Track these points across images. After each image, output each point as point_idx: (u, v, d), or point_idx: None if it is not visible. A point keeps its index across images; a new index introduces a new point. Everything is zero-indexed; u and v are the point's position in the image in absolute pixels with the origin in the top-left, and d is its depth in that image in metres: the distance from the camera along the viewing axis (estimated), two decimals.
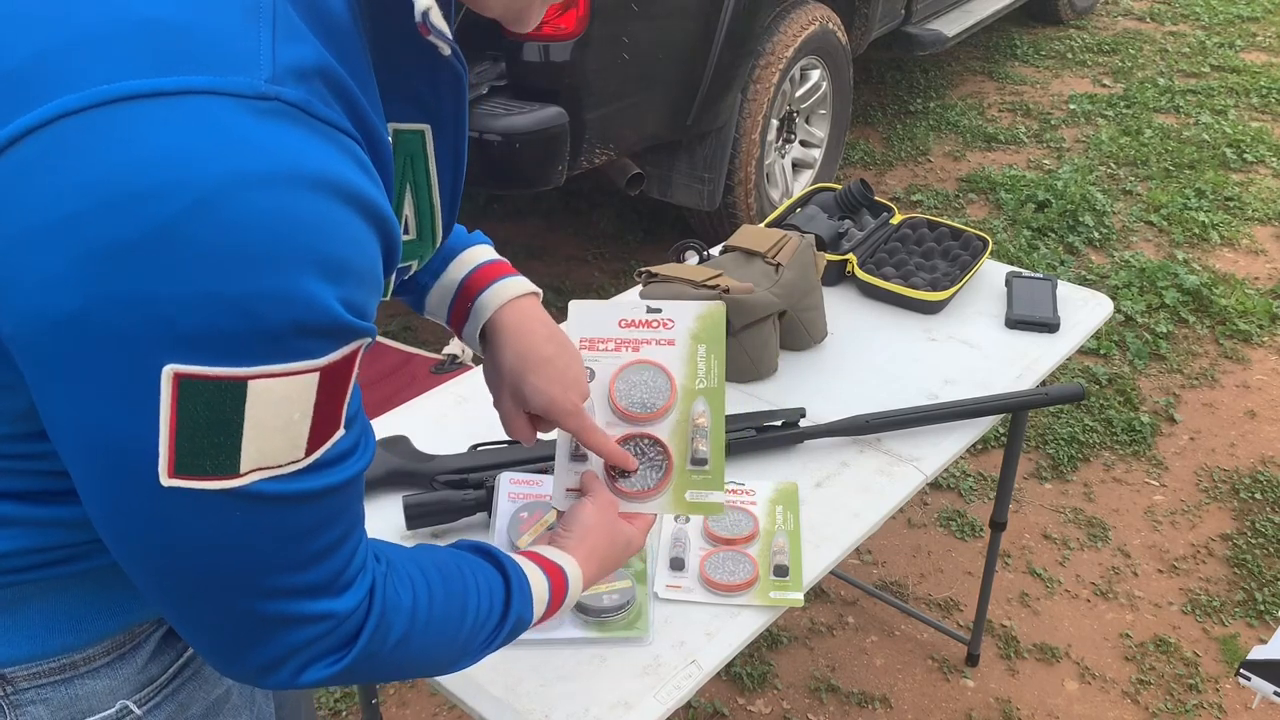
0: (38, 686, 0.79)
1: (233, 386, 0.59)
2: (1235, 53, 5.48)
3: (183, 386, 0.58)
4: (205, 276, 0.56)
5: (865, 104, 4.86)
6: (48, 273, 0.56)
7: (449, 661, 0.85)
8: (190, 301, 0.56)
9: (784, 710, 2.08)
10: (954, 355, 1.64)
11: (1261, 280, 3.53)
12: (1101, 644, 2.22)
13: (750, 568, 1.22)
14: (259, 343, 0.58)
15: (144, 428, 0.59)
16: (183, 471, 0.61)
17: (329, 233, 0.60)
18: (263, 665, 0.71)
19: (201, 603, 0.68)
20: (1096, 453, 2.76)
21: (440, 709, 2.07)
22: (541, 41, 2.63)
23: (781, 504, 1.32)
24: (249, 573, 0.66)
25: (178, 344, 0.57)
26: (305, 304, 0.59)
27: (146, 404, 0.58)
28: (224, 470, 0.61)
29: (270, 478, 0.63)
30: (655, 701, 1.07)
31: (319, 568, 0.69)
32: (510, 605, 0.87)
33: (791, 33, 3.32)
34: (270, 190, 0.57)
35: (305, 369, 0.61)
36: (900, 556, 2.44)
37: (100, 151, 0.55)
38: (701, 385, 1.06)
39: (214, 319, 0.57)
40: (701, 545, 1.26)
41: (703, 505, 1.03)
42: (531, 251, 3.69)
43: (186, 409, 0.59)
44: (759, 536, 1.27)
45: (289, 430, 0.62)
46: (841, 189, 1.94)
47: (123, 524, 0.64)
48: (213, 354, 0.58)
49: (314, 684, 0.74)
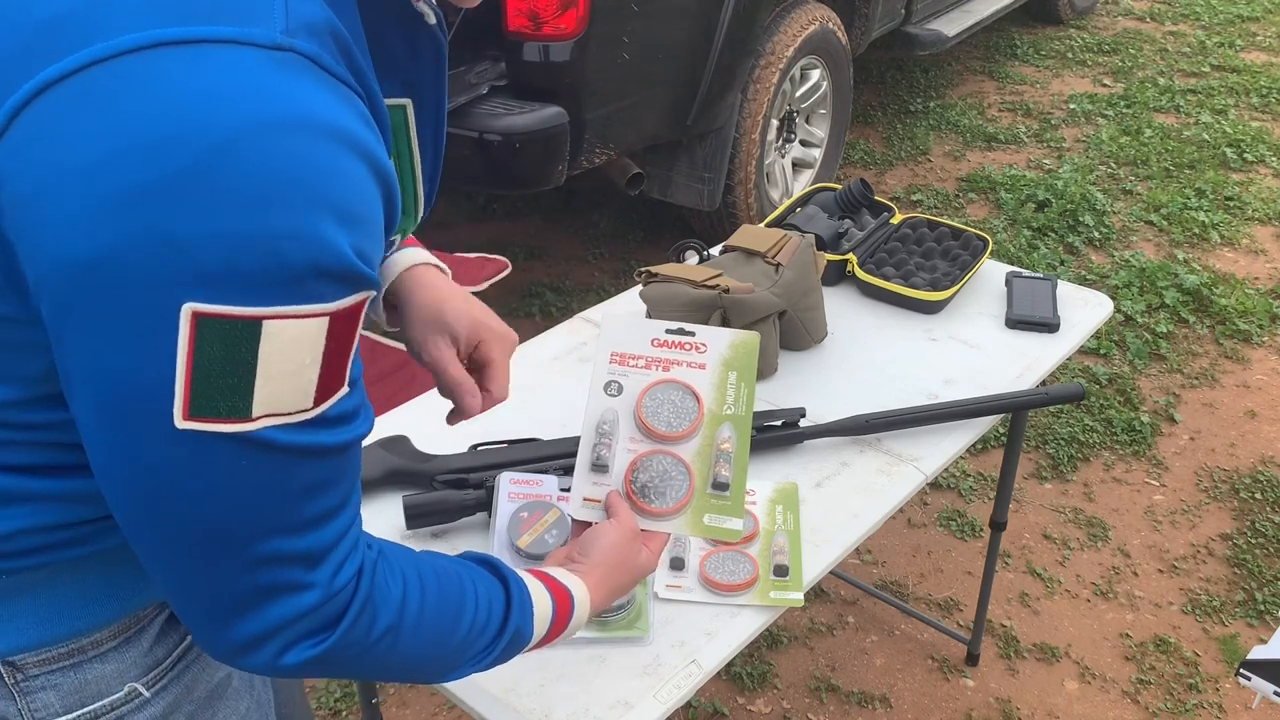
0: (47, 673, 0.80)
1: (248, 326, 0.60)
2: (1235, 53, 5.48)
3: (200, 325, 0.59)
4: (227, 215, 0.58)
5: (865, 104, 4.86)
6: (76, 214, 0.58)
7: (440, 668, 0.84)
8: (211, 240, 0.58)
9: (784, 710, 2.08)
10: (954, 355, 1.64)
11: (1261, 280, 3.53)
12: (1101, 644, 2.22)
13: (750, 568, 1.22)
14: (276, 282, 0.60)
15: (161, 368, 0.61)
16: (197, 413, 0.62)
17: (341, 180, 0.62)
18: (247, 640, 0.71)
19: (197, 563, 0.68)
20: (1096, 453, 2.76)
21: (440, 709, 2.07)
22: (541, 41, 2.63)
23: (781, 504, 1.32)
24: (247, 529, 0.67)
25: (197, 282, 0.58)
26: (320, 245, 0.61)
27: (165, 343, 0.60)
28: (236, 413, 0.62)
29: (279, 425, 0.64)
30: (655, 701, 1.07)
31: (313, 534, 0.69)
32: (509, 619, 0.86)
33: (791, 33, 3.32)
34: (288, 135, 0.59)
35: (317, 312, 0.62)
36: (900, 556, 2.44)
37: (128, 97, 0.57)
38: (729, 411, 1.05)
39: (234, 257, 0.58)
40: (701, 545, 1.26)
41: (720, 530, 1.02)
42: (531, 252, 3.69)
43: (203, 348, 0.60)
44: (759, 536, 1.27)
45: (299, 376, 0.63)
46: (841, 189, 1.94)
47: (131, 475, 0.65)
48: (231, 293, 0.59)
49: (294, 668, 0.73)
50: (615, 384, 1.06)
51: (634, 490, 1.03)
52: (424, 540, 1.27)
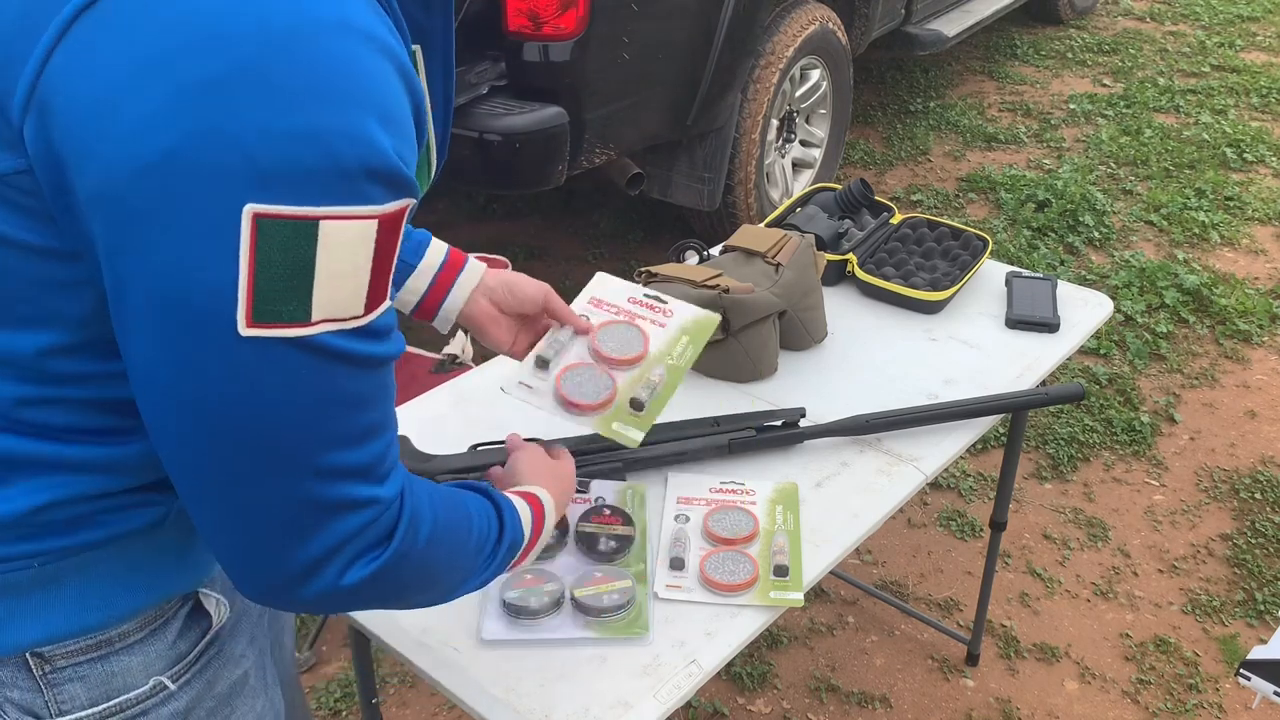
0: (75, 664, 0.80)
1: (306, 226, 0.62)
2: (1235, 53, 5.48)
3: (261, 227, 0.61)
4: (284, 111, 0.60)
5: (865, 104, 4.86)
6: (138, 115, 0.59)
7: (460, 577, 0.87)
8: (269, 136, 0.59)
9: (784, 710, 2.08)
10: (954, 355, 1.64)
11: (1261, 280, 3.53)
12: (1101, 644, 2.22)
13: (750, 568, 1.22)
14: (330, 181, 0.61)
15: (224, 273, 0.61)
16: (259, 319, 0.63)
17: (384, 85, 0.64)
18: (308, 563, 0.71)
19: (258, 484, 0.68)
20: (1096, 453, 2.76)
21: (440, 709, 2.07)
22: (541, 41, 2.63)
23: (781, 504, 1.32)
24: (308, 441, 0.68)
25: (257, 181, 0.60)
26: (370, 145, 0.63)
27: (227, 247, 0.61)
28: (297, 317, 0.64)
29: (335, 331, 0.66)
30: (655, 701, 1.07)
31: (366, 447, 0.71)
32: (504, 525, 0.91)
33: (791, 33, 3.32)
34: (339, 37, 0.62)
35: (368, 214, 0.64)
36: (900, 556, 2.44)
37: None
38: (671, 361, 1.17)
39: (291, 154, 0.60)
40: (701, 545, 1.26)
41: (622, 436, 1.14)
42: (531, 252, 3.69)
43: (264, 250, 0.61)
44: (759, 536, 1.27)
45: (353, 279, 0.65)
46: (841, 189, 1.94)
47: (192, 392, 0.65)
48: (289, 191, 0.60)
49: (353, 588, 0.73)
50: (585, 317, 1.20)
51: (561, 382, 1.16)
52: None
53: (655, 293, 1.21)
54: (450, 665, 1.11)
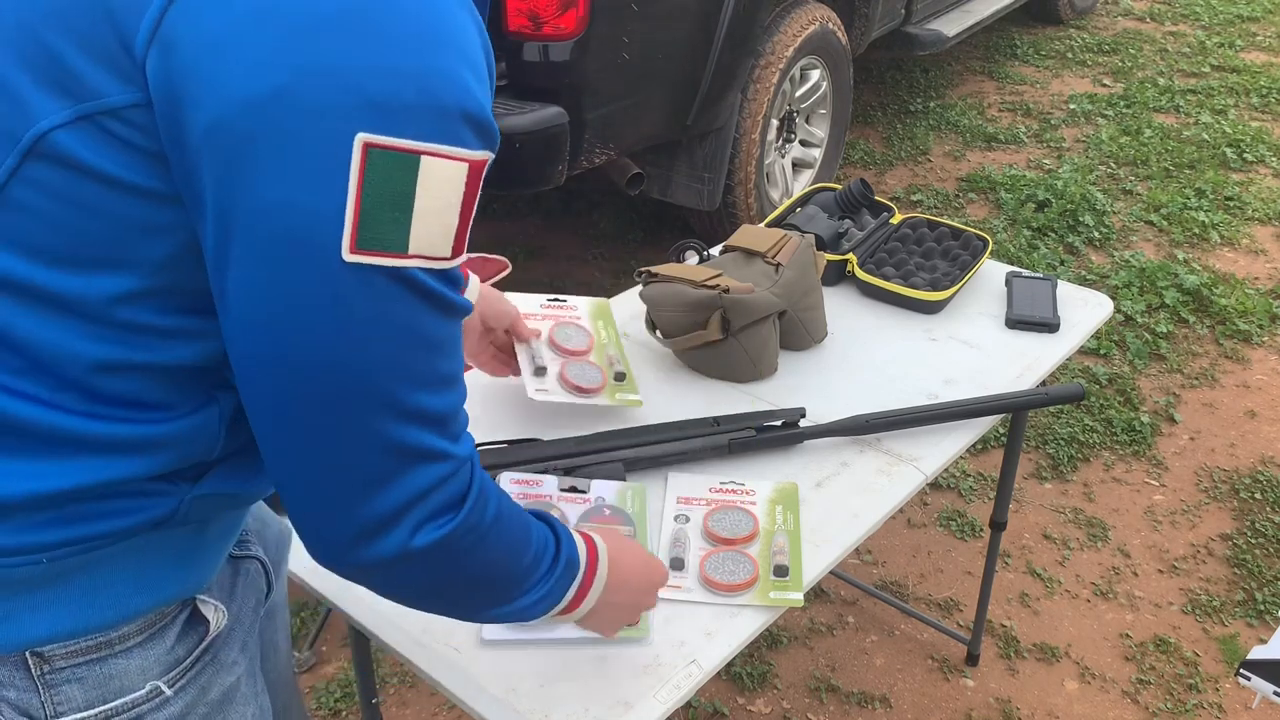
0: (74, 666, 0.80)
1: (409, 159, 0.66)
2: (1235, 53, 5.48)
3: (369, 156, 0.65)
4: (391, 49, 0.64)
5: (865, 104, 4.86)
6: (255, 52, 0.63)
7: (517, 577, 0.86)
8: (378, 71, 0.64)
9: (784, 710, 2.08)
10: (954, 355, 1.64)
11: (1261, 280, 3.53)
12: (1101, 644, 2.22)
13: (750, 568, 1.21)
14: (432, 118, 0.66)
15: (333, 200, 0.65)
16: (362, 246, 0.66)
17: (470, 37, 0.70)
18: (383, 517, 0.73)
19: (340, 419, 0.70)
20: (1096, 453, 2.76)
21: (440, 709, 2.07)
22: (541, 41, 2.63)
23: (781, 504, 1.32)
24: (392, 372, 0.70)
25: (367, 112, 0.64)
26: (465, 89, 0.68)
27: (338, 172, 0.65)
28: (396, 247, 0.67)
29: (426, 268, 0.69)
30: (655, 701, 1.07)
31: (443, 395, 0.74)
32: (560, 543, 0.91)
33: (791, 33, 3.32)
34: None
35: (461, 156, 0.68)
36: (900, 556, 2.44)
37: None
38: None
39: (398, 89, 0.65)
40: (701, 545, 1.26)
41: (629, 401, 1.44)
42: (531, 251, 3.69)
43: (371, 179, 0.65)
44: (759, 536, 1.27)
45: (445, 217, 0.69)
46: (841, 189, 1.94)
47: (288, 319, 0.68)
48: (396, 124, 0.65)
49: (423, 550, 0.75)
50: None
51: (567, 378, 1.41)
52: None
53: (551, 298, 1.51)
54: (450, 665, 1.11)
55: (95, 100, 0.66)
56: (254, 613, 1.01)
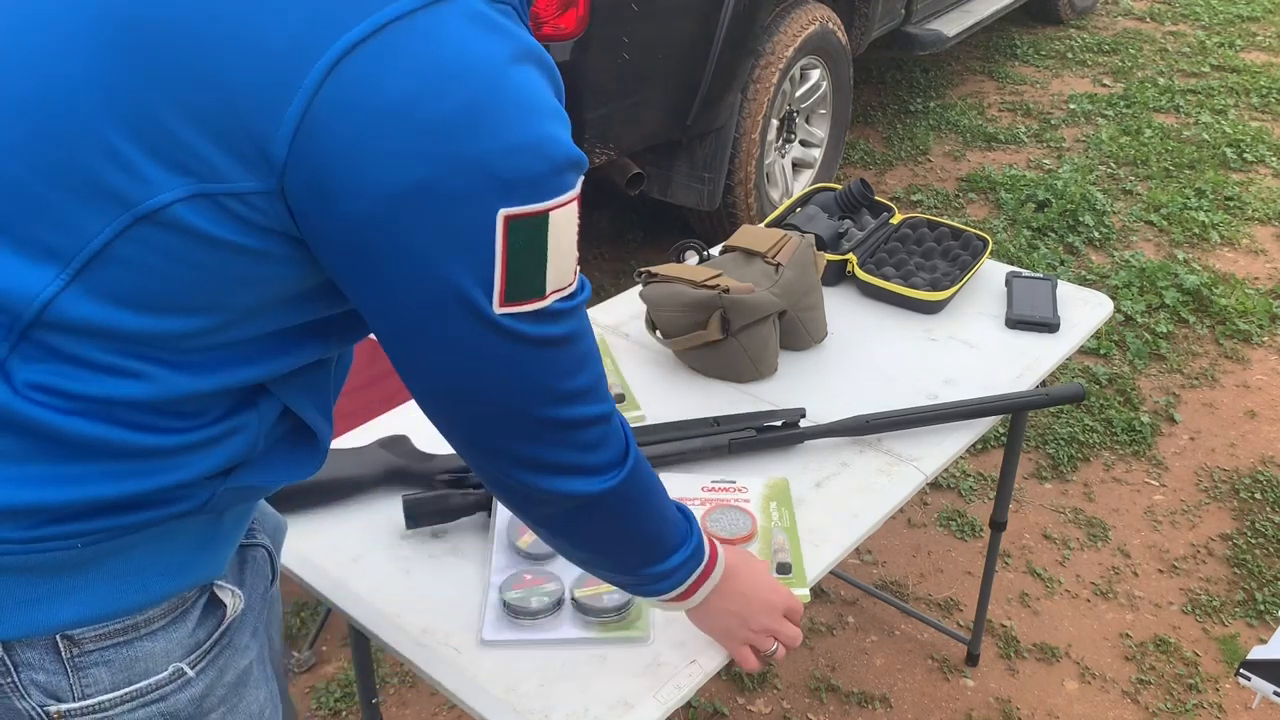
0: (101, 649, 0.82)
1: (541, 219, 0.75)
2: (1235, 53, 5.48)
3: (511, 226, 0.74)
4: (513, 131, 0.72)
5: (865, 104, 4.86)
6: (395, 150, 0.70)
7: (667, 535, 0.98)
8: (506, 153, 0.72)
9: (784, 710, 2.08)
10: (954, 355, 1.64)
11: (1261, 280, 3.53)
12: (1101, 644, 2.22)
13: None
14: (550, 178, 0.75)
15: (482, 267, 0.74)
16: (510, 299, 0.76)
17: (551, 93, 0.77)
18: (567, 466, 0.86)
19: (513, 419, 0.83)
20: (1096, 453, 2.76)
21: (440, 709, 2.07)
22: (541, 41, 2.63)
23: (775, 500, 1.32)
24: (550, 379, 0.82)
25: (502, 190, 0.73)
26: (564, 144, 0.76)
27: (485, 246, 0.74)
28: (536, 293, 0.78)
29: (561, 298, 0.80)
30: (655, 701, 1.07)
31: (588, 370, 0.85)
32: (691, 524, 1.01)
33: (791, 33, 3.32)
34: (527, 65, 0.75)
35: (572, 198, 0.78)
36: (900, 556, 2.44)
37: (423, 46, 0.70)
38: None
39: (524, 164, 0.73)
40: None
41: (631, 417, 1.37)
42: None
43: (514, 244, 0.74)
44: (757, 535, 1.27)
45: (568, 254, 0.79)
46: (841, 189, 1.94)
47: (456, 366, 0.79)
48: (527, 194, 0.74)
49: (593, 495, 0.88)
50: None
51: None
52: (424, 540, 1.27)
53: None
54: (450, 665, 1.11)
55: (221, 183, 0.70)
56: (262, 599, 1.03)
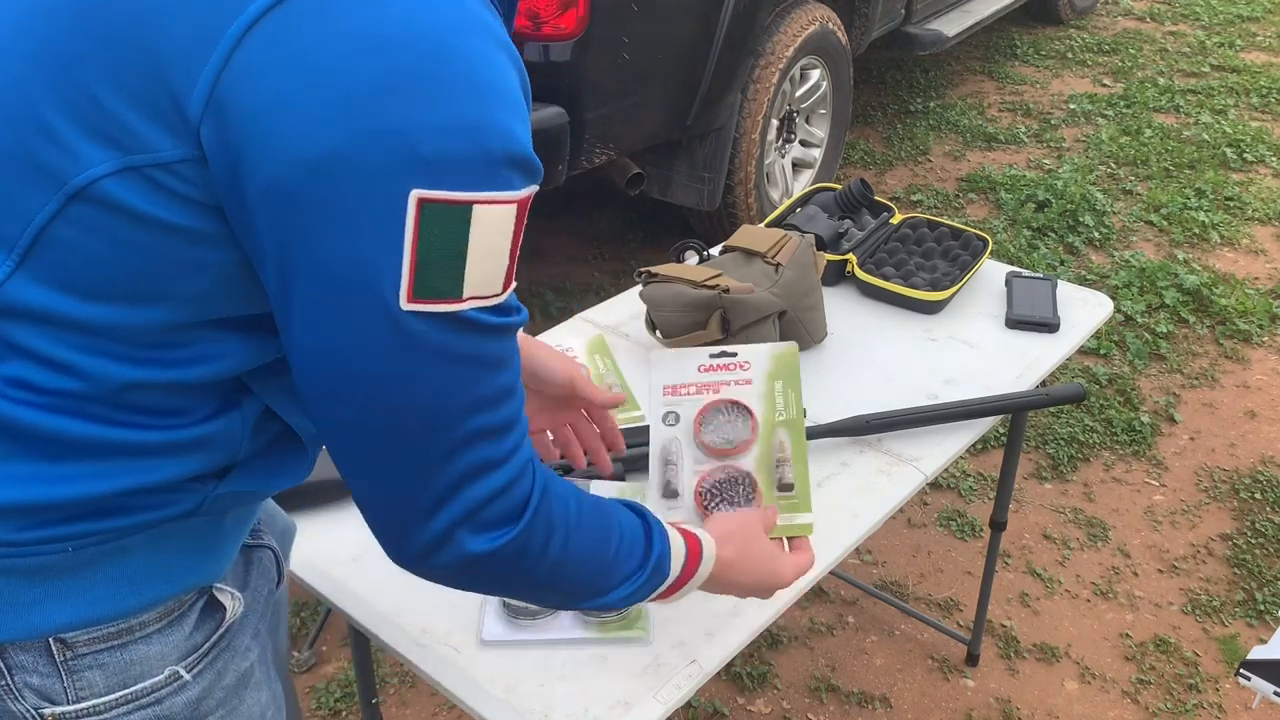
0: (95, 651, 0.82)
1: (462, 210, 0.68)
2: (1235, 52, 5.48)
3: (424, 210, 0.67)
4: (444, 108, 0.66)
5: (865, 104, 4.86)
6: (310, 116, 0.65)
7: (597, 584, 0.88)
8: (432, 131, 0.66)
9: (784, 710, 2.08)
10: (954, 355, 1.64)
11: (1261, 280, 3.53)
12: (1101, 644, 2.22)
13: (750, 494, 1.11)
14: (482, 169, 0.68)
15: (389, 252, 0.67)
16: (419, 295, 0.69)
17: (510, 79, 0.71)
18: (442, 531, 0.76)
19: (400, 452, 0.74)
20: (1096, 453, 2.76)
21: (440, 709, 2.07)
22: (541, 41, 2.63)
23: (781, 379, 1.15)
24: (455, 406, 0.73)
25: (421, 170, 0.66)
26: (510, 136, 0.69)
27: (393, 229, 0.67)
28: (451, 293, 0.70)
29: (480, 307, 0.72)
30: (655, 701, 1.07)
31: (502, 408, 0.76)
32: (651, 543, 0.92)
33: (791, 33, 3.32)
34: (480, 39, 0.69)
35: (510, 199, 0.70)
36: (900, 556, 2.44)
37: (351, 7, 0.65)
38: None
39: (450, 146, 0.66)
40: (695, 462, 1.13)
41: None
42: (531, 251, 3.69)
43: (426, 232, 0.67)
44: (757, 439, 1.13)
45: (497, 259, 0.71)
46: (841, 189, 1.94)
47: (349, 363, 0.71)
48: (449, 179, 0.67)
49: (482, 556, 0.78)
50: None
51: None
52: None
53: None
54: (450, 665, 1.11)
55: (145, 154, 0.68)
56: (266, 601, 1.02)
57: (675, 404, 1.14)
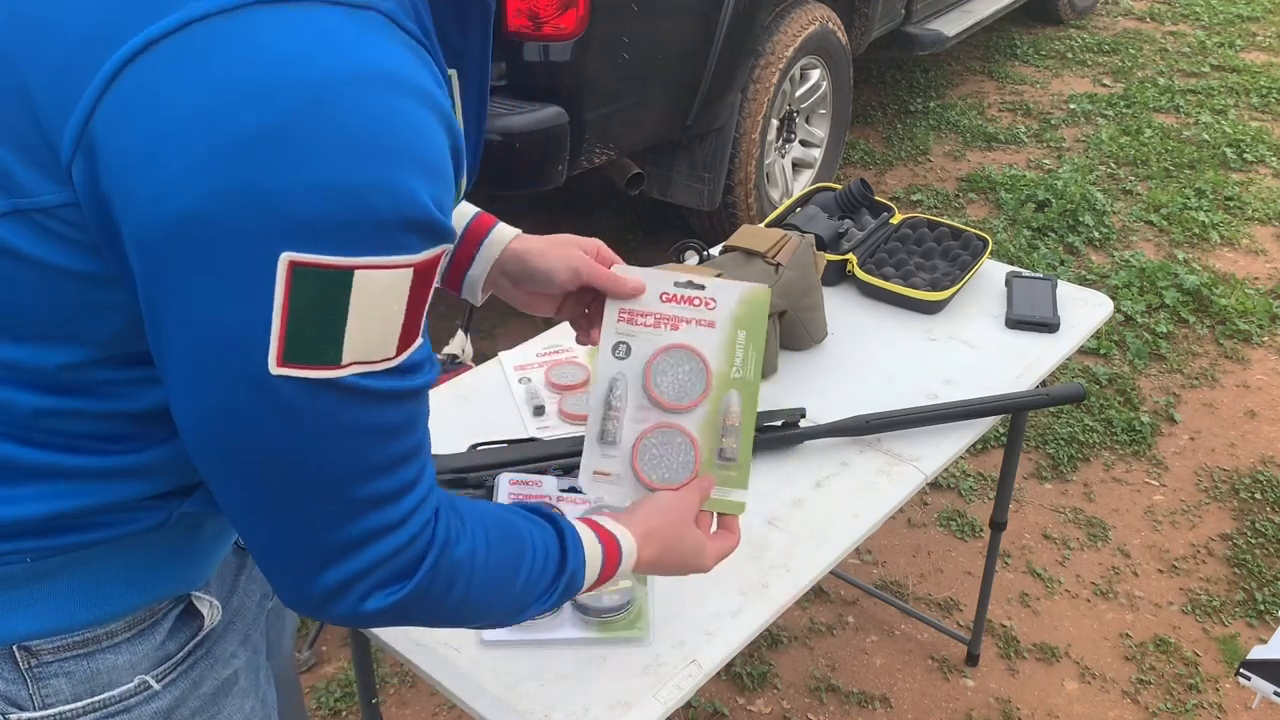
0: (61, 660, 0.81)
1: (341, 275, 0.63)
2: (1235, 52, 5.48)
3: (296, 274, 0.62)
4: (319, 167, 0.60)
5: (865, 104, 4.86)
6: (177, 169, 0.60)
7: (504, 614, 0.86)
8: (305, 191, 0.60)
9: (784, 710, 2.08)
10: (954, 355, 1.64)
11: (1261, 280, 3.53)
12: (1101, 644, 2.22)
13: (689, 461, 1.03)
14: (366, 233, 0.62)
15: (258, 315, 0.63)
16: (290, 359, 0.64)
17: (420, 134, 0.64)
18: (331, 589, 0.73)
19: (285, 514, 0.70)
20: (1096, 453, 2.76)
21: (440, 709, 2.07)
22: (541, 41, 2.63)
23: (746, 328, 1.04)
24: (333, 474, 0.69)
25: (293, 232, 0.61)
26: (407, 197, 0.63)
27: (262, 291, 0.62)
28: (327, 360, 0.65)
29: (365, 373, 0.67)
30: (655, 701, 1.07)
31: (395, 474, 0.71)
32: (565, 564, 0.88)
33: (791, 32, 3.32)
34: (372, 90, 0.62)
35: (402, 263, 0.64)
36: (900, 556, 2.44)
37: (224, 56, 0.60)
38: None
39: (327, 208, 0.61)
40: (638, 410, 1.04)
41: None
42: None
43: (298, 296, 0.62)
44: (707, 398, 1.04)
45: (386, 325, 0.66)
46: (841, 189, 1.94)
47: (223, 424, 0.67)
48: (325, 243, 0.61)
49: (374, 613, 0.75)
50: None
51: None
52: None
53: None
54: (450, 665, 1.11)
55: (27, 198, 0.65)
56: (259, 606, 1.01)
57: (629, 334, 1.04)
